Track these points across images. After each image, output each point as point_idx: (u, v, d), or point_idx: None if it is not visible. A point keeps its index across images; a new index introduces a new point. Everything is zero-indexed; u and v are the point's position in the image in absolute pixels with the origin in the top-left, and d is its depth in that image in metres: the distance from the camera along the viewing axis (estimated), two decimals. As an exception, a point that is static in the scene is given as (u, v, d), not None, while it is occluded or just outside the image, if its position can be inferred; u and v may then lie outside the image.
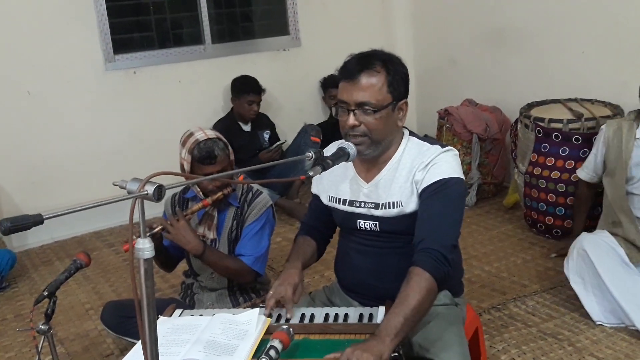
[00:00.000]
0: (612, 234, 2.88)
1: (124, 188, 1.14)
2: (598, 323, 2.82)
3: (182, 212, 2.37)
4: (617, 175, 2.91)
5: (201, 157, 2.31)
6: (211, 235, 2.44)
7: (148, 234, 2.22)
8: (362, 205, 1.93)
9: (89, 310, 3.34)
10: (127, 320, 2.42)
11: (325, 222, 2.12)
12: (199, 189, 2.40)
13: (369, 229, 1.93)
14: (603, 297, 2.79)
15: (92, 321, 3.18)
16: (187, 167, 2.34)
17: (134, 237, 1.38)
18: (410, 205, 1.85)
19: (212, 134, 2.38)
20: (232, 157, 2.41)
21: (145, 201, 1.14)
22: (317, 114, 5.23)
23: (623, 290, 2.73)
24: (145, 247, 1.14)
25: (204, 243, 2.35)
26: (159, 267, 2.65)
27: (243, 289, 2.56)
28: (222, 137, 2.40)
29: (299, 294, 1.88)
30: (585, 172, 3.19)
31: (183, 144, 2.37)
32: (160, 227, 2.29)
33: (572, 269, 2.85)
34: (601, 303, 2.81)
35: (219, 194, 2.34)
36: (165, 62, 4.67)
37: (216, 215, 2.45)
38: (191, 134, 2.37)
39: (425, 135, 4.26)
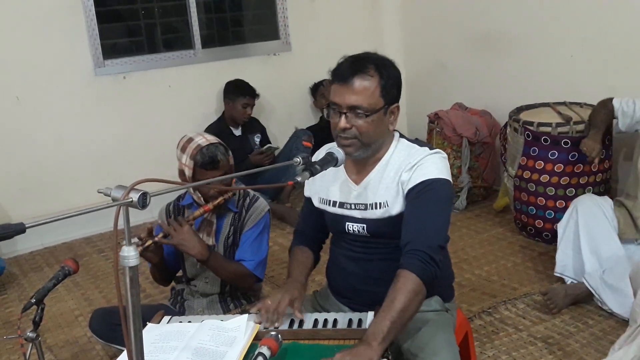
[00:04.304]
0: (620, 203, 3.12)
1: (109, 195, 1.14)
2: (556, 274, 3.15)
3: (184, 218, 2.34)
4: None
5: (204, 162, 2.29)
6: (210, 241, 2.41)
7: (151, 241, 2.20)
8: (352, 207, 1.93)
9: (78, 316, 3.32)
10: (116, 328, 2.40)
11: (317, 226, 2.12)
12: (199, 195, 2.38)
13: (357, 232, 1.93)
14: (575, 255, 3.09)
15: (82, 328, 3.16)
16: (188, 172, 2.32)
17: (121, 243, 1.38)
18: (396, 206, 1.85)
19: (212, 139, 2.37)
20: (232, 161, 2.40)
21: (131, 208, 1.13)
22: (307, 118, 5.24)
23: (592, 249, 3.02)
24: (130, 254, 1.13)
25: (208, 248, 2.34)
26: (155, 281, 2.62)
27: (234, 295, 2.55)
28: (222, 142, 2.39)
29: (297, 308, 1.86)
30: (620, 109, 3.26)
31: (183, 149, 2.34)
32: (162, 233, 2.28)
33: (562, 221, 3.16)
34: (571, 259, 3.11)
35: (220, 199, 2.33)
36: (155, 67, 4.66)
37: (215, 221, 2.43)
38: (190, 139, 2.35)
39: (416, 139, 4.26)
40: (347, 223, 1.95)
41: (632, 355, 2.18)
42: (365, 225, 1.91)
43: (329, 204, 1.99)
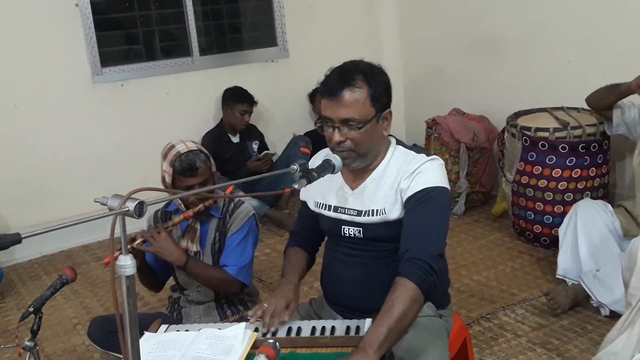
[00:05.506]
0: (619, 205, 3.17)
1: (105, 205, 1.14)
2: (558, 276, 3.17)
3: (163, 224, 2.36)
4: None
5: (182, 169, 2.30)
6: (195, 247, 2.42)
7: (129, 246, 2.21)
8: (347, 212, 1.93)
9: (76, 325, 3.31)
10: (114, 335, 2.36)
11: (313, 229, 2.12)
12: (180, 201, 2.40)
13: (353, 235, 1.93)
14: (574, 257, 3.11)
15: (80, 336, 3.16)
16: (168, 179, 2.33)
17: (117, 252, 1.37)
18: (394, 212, 1.85)
19: (193, 145, 2.37)
20: (214, 168, 2.41)
21: (127, 217, 1.13)
22: (305, 125, 5.23)
23: (590, 251, 3.06)
24: (127, 264, 1.13)
25: (186, 254, 2.35)
26: (147, 288, 2.62)
27: (230, 301, 2.55)
28: (203, 149, 2.39)
29: (291, 311, 1.87)
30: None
31: (164, 156, 2.36)
32: (141, 240, 2.28)
33: (562, 225, 3.19)
34: (571, 261, 3.13)
35: (200, 205, 2.33)
36: (153, 75, 4.66)
37: (199, 227, 2.44)
38: (172, 146, 2.37)
39: (414, 145, 4.28)
40: (343, 226, 1.95)
41: (636, 335, 2.11)
42: (361, 229, 1.91)
43: (325, 208, 1.99)
